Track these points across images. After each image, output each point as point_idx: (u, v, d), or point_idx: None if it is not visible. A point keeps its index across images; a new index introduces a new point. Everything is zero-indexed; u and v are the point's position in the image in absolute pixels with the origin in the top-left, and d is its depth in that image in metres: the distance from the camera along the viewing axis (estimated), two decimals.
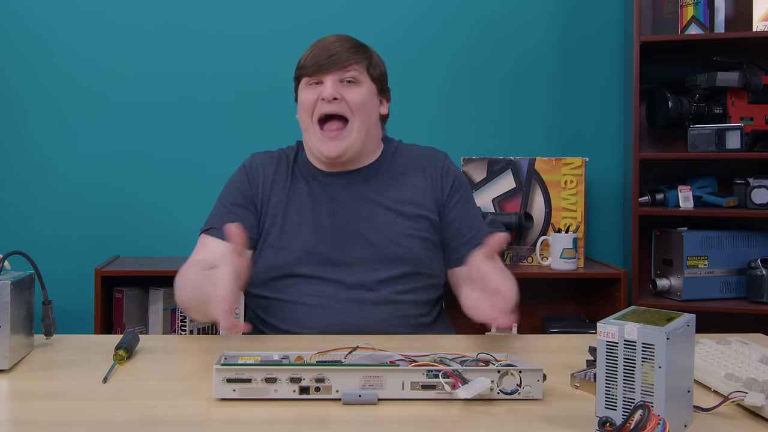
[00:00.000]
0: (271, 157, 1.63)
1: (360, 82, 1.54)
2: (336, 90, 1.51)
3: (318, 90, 1.53)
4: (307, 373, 1.00)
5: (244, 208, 1.57)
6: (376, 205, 1.57)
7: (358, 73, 1.54)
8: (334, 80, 1.52)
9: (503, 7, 2.73)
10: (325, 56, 1.52)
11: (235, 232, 1.20)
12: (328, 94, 1.50)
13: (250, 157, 1.64)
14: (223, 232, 1.52)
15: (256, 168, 1.61)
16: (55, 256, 2.65)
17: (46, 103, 2.68)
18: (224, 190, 1.62)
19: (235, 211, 1.56)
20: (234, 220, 1.54)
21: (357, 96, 1.53)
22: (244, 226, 1.53)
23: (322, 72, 1.52)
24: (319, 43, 1.56)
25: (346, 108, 1.52)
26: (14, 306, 1.16)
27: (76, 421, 0.95)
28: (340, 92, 1.52)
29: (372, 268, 1.52)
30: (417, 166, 1.62)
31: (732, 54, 2.55)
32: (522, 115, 2.75)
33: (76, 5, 2.67)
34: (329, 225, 1.54)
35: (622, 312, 0.93)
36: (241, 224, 1.53)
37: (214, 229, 1.55)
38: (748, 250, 2.50)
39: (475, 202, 1.67)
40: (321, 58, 1.52)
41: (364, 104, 1.54)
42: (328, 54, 1.52)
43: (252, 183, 1.59)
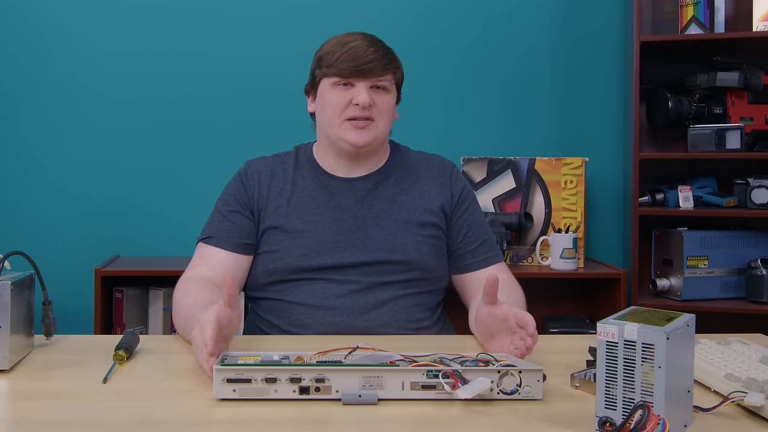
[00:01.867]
0: (265, 163, 1.63)
1: (389, 90, 1.55)
2: (370, 96, 1.51)
3: (349, 93, 1.52)
4: (307, 373, 1.00)
5: (240, 214, 1.57)
6: (382, 209, 1.57)
7: (389, 81, 1.54)
8: (367, 86, 1.51)
9: (503, 6, 2.73)
10: (362, 61, 1.50)
11: (230, 283, 1.14)
12: (364, 102, 1.50)
13: (244, 164, 1.64)
14: (221, 241, 1.55)
15: (251, 175, 1.61)
16: (55, 256, 2.65)
17: (46, 103, 2.68)
18: (220, 199, 1.62)
19: (232, 219, 1.57)
20: (231, 228, 1.55)
21: (386, 103, 1.54)
22: (241, 233, 1.56)
23: (357, 77, 1.51)
24: (351, 44, 1.52)
25: (375, 112, 1.53)
26: (14, 306, 1.16)
27: (76, 421, 0.95)
28: (372, 97, 1.52)
29: (377, 272, 1.52)
30: (425, 173, 1.63)
31: (732, 54, 2.55)
32: (522, 115, 2.75)
33: (76, 5, 2.67)
34: (334, 229, 1.54)
35: (622, 312, 0.93)
36: (237, 232, 1.55)
37: (212, 238, 1.56)
38: (748, 250, 2.50)
39: (481, 211, 1.68)
40: (357, 63, 1.50)
41: (390, 111, 1.56)
42: (366, 60, 1.50)
43: (248, 190, 1.59)
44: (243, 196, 1.59)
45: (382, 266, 1.52)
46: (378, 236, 1.54)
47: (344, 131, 1.53)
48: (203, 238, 1.57)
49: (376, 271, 1.52)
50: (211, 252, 1.55)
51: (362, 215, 1.56)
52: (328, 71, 1.53)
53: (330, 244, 1.53)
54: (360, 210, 1.56)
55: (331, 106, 1.53)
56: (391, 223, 1.55)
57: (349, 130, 1.53)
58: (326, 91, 1.54)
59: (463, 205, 1.62)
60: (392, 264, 1.52)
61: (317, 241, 1.53)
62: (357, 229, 1.54)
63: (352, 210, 1.56)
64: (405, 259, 1.53)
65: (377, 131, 1.54)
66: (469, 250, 1.60)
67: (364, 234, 1.54)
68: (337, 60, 1.51)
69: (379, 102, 1.53)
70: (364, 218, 1.55)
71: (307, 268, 1.51)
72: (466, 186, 1.66)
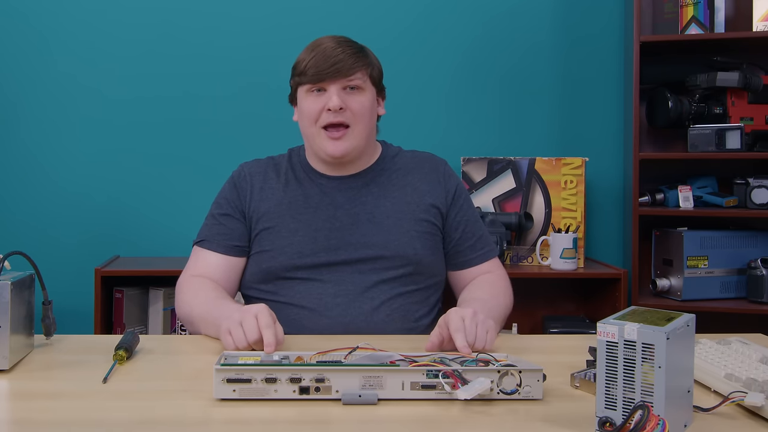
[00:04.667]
0: (259, 166, 1.64)
1: (363, 88, 1.54)
2: (341, 99, 1.50)
3: (322, 99, 1.51)
4: (307, 373, 1.00)
5: (232, 217, 1.59)
6: (375, 207, 1.57)
7: (361, 80, 1.53)
8: (338, 88, 1.51)
9: (503, 6, 2.73)
10: (328, 64, 1.49)
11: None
12: (334, 105, 1.49)
13: (238, 167, 1.66)
14: (213, 244, 1.58)
15: (244, 178, 1.62)
16: (55, 256, 2.65)
17: (45, 103, 2.68)
18: (214, 202, 1.64)
19: (224, 222, 1.59)
20: (222, 231, 1.58)
21: (360, 104, 1.53)
22: (233, 236, 1.58)
23: (326, 80, 1.51)
24: (319, 48, 1.52)
25: (349, 116, 1.52)
26: (14, 306, 1.16)
27: (76, 421, 0.95)
28: (344, 101, 1.51)
29: (371, 269, 1.52)
30: (417, 170, 1.64)
31: (732, 54, 2.55)
32: (522, 115, 2.75)
33: (76, 5, 2.67)
34: (328, 227, 1.55)
35: (622, 312, 0.93)
36: (229, 234, 1.58)
37: (205, 241, 1.59)
38: (748, 250, 2.50)
39: (474, 206, 1.70)
40: (324, 66, 1.49)
41: (366, 111, 1.55)
42: (332, 62, 1.49)
43: (240, 193, 1.61)
44: (235, 199, 1.60)
45: (377, 262, 1.53)
46: (371, 233, 1.54)
47: (322, 141, 1.53)
48: (197, 241, 1.61)
49: (370, 268, 1.52)
50: (204, 255, 1.58)
51: (355, 212, 1.56)
52: (300, 79, 1.54)
53: (323, 241, 1.53)
54: (353, 207, 1.57)
55: (306, 114, 1.54)
56: (384, 219, 1.56)
57: (325, 140, 1.53)
58: (302, 99, 1.55)
59: (458, 202, 1.63)
60: (387, 259, 1.53)
61: (311, 240, 1.53)
62: (350, 226, 1.55)
63: (344, 207, 1.57)
64: (399, 254, 1.53)
65: (354, 138, 1.54)
66: (467, 246, 1.62)
67: (358, 231, 1.55)
68: (306, 66, 1.51)
69: (352, 104, 1.52)
70: (357, 215, 1.56)
71: (302, 266, 1.52)
72: (459, 183, 1.67)
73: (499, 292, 1.57)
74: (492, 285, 1.58)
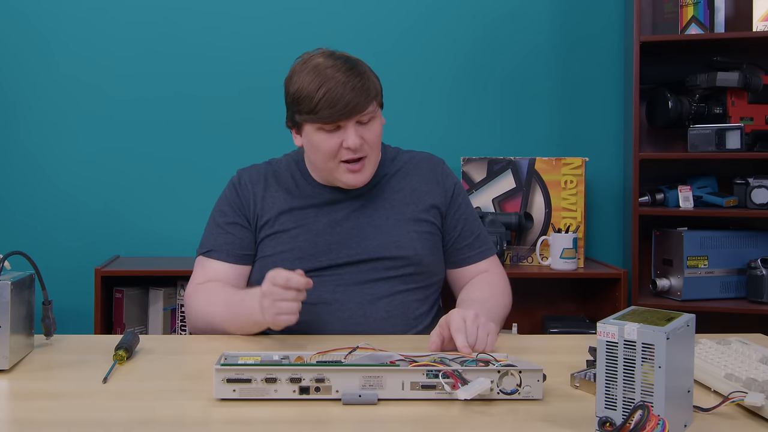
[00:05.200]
0: (258, 173, 1.62)
1: (374, 117, 1.51)
2: (358, 135, 1.47)
3: (338, 136, 1.47)
4: (307, 373, 1.01)
5: (240, 226, 1.57)
6: (375, 210, 1.58)
7: (373, 110, 1.50)
8: (354, 124, 1.48)
9: (504, 7, 2.73)
10: (342, 103, 1.44)
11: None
12: (354, 144, 1.46)
13: (237, 173, 1.64)
14: (221, 254, 1.55)
15: (245, 184, 1.60)
16: (55, 256, 2.65)
17: (45, 103, 2.68)
18: (216, 209, 1.61)
19: (231, 230, 1.57)
20: (231, 240, 1.56)
21: (375, 135, 1.51)
22: (241, 244, 1.56)
23: (342, 119, 1.46)
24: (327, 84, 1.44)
25: (366, 148, 1.50)
26: (14, 306, 1.16)
27: (76, 421, 0.95)
28: (361, 135, 1.48)
29: (372, 268, 1.53)
30: (415, 171, 1.64)
31: (732, 54, 2.55)
32: (522, 115, 2.75)
33: (76, 4, 2.67)
34: (329, 232, 1.55)
35: (622, 312, 0.93)
36: (237, 243, 1.55)
37: (212, 251, 1.56)
38: (748, 250, 2.50)
39: (472, 205, 1.70)
40: (339, 106, 1.44)
41: (379, 137, 1.54)
42: (346, 101, 1.44)
43: (244, 201, 1.59)
44: (240, 206, 1.59)
45: (378, 263, 1.53)
46: (372, 235, 1.55)
47: (341, 174, 1.52)
48: (204, 251, 1.57)
49: (371, 268, 1.53)
50: (212, 265, 1.55)
51: (356, 216, 1.57)
52: (311, 117, 1.47)
53: (324, 246, 1.53)
54: (353, 211, 1.57)
55: (321, 152, 1.50)
56: (384, 221, 1.56)
57: (345, 173, 1.51)
58: (312, 134, 1.50)
59: (456, 201, 1.64)
60: (388, 260, 1.53)
61: (312, 244, 1.53)
62: (351, 230, 1.55)
63: (344, 211, 1.57)
64: (400, 255, 1.54)
65: (371, 166, 1.54)
66: (466, 244, 1.63)
67: (359, 235, 1.55)
68: (317, 106, 1.45)
69: (369, 136, 1.50)
70: (357, 219, 1.56)
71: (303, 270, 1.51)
72: (457, 182, 1.67)
73: (498, 292, 1.57)
74: (491, 285, 1.58)
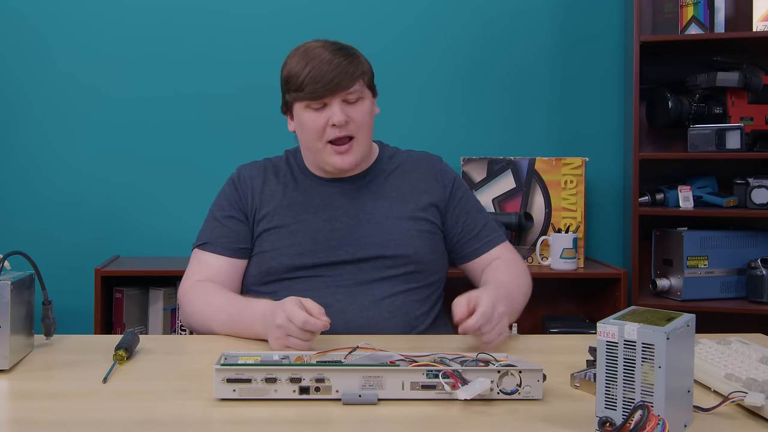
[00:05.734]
0: (257, 168, 1.63)
1: (362, 97, 1.52)
2: (344, 113, 1.49)
3: (324, 115, 1.49)
4: (307, 373, 1.01)
5: (237, 220, 1.58)
6: (374, 207, 1.58)
7: (359, 90, 1.51)
8: (339, 102, 1.49)
9: (503, 6, 2.73)
10: (326, 79, 1.46)
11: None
12: (339, 121, 1.48)
13: (237, 170, 1.65)
14: (217, 247, 1.55)
15: (244, 180, 1.61)
16: (55, 256, 2.65)
17: (45, 103, 2.68)
18: (215, 204, 1.62)
19: (228, 224, 1.57)
20: (227, 233, 1.56)
21: (362, 114, 1.52)
22: (237, 238, 1.56)
23: (327, 96, 1.48)
24: (314, 62, 1.47)
25: (353, 128, 1.51)
26: (14, 306, 1.16)
27: (76, 421, 0.95)
28: (347, 113, 1.49)
29: (373, 267, 1.52)
30: (414, 169, 1.64)
31: (732, 54, 2.55)
32: (522, 115, 2.75)
33: (75, 5, 2.67)
34: (328, 228, 1.55)
35: (622, 312, 0.93)
36: (233, 237, 1.55)
37: (208, 244, 1.56)
38: (748, 250, 2.50)
39: (475, 197, 1.70)
40: (323, 81, 1.46)
41: (368, 119, 1.54)
42: (330, 77, 1.46)
43: (242, 195, 1.60)
44: (238, 201, 1.59)
45: (378, 261, 1.53)
46: (371, 233, 1.55)
47: (327, 155, 1.53)
48: (199, 244, 1.58)
49: (371, 267, 1.52)
50: (207, 258, 1.56)
51: (354, 213, 1.57)
52: (297, 95, 1.50)
53: (324, 242, 1.53)
54: (352, 208, 1.57)
55: (309, 130, 1.52)
56: (383, 219, 1.56)
57: (332, 154, 1.52)
58: (301, 113, 1.52)
59: (456, 195, 1.63)
60: (387, 259, 1.53)
61: (311, 240, 1.53)
62: (350, 227, 1.55)
63: (344, 209, 1.57)
64: (400, 253, 1.53)
65: (359, 148, 1.54)
66: (471, 236, 1.62)
67: (359, 232, 1.55)
68: (302, 83, 1.48)
69: (355, 115, 1.50)
70: (356, 216, 1.56)
71: (301, 266, 1.51)
72: (457, 176, 1.67)
73: (517, 276, 1.55)
74: (509, 270, 1.56)
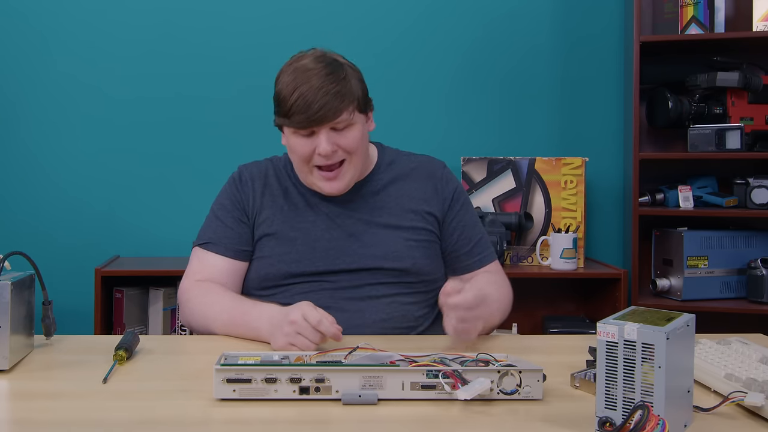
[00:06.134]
0: (258, 169, 1.62)
1: (352, 124, 1.48)
2: (331, 142, 1.45)
3: (312, 142, 1.46)
4: (307, 373, 1.00)
5: (239, 221, 1.57)
6: (372, 217, 1.56)
7: (347, 119, 1.46)
8: (327, 130, 1.45)
9: (503, 6, 2.73)
10: (312, 111, 1.42)
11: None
12: (325, 151, 1.44)
13: (238, 169, 1.63)
14: (220, 247, 1.53)
15: (245, 181, 1.59)
16: (55, 256, 2.65)
17: (45, 103, 2.68)
18: (217, 202, 1.60)
19: (231, 225, 1.56)
20: (230, 234, 1.54)
21: (351, 140, 1.48)
22: (240, 239, 1.55)
23: (313, 126, 1.45)
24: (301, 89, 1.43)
25: (342, 154, 1.48)
26: (14, 306, 1.16)
27: (76, 421, 0.95)
28: (335, 141, 1.46)
29: (371, 276, 1.51)
30: (413, 177, 1.61)
31: (732, 54, 2.55)
32: (522, 115, 2.75)
33: (76, 5, 2.67)
34: (327, 237, 1.54)
35: (622, 312, 0.93)
36: (236, 238, 1.54)
37: (210, 244, 1.55)
38: (748, 250, 2.50)
39: (473, 210, 1.67)
40: (309, 113, 1.42)
41: (358, 143, 1.49)
42: (316, 108, 1.42)
43: (243, 195, 1.58)
44: (240, 202, 1.58)
45: (377, 272, 1.52)
46: (370, 243, 1.53)
47: (316, 179, 1.51)
48: (201, 243, 1.56)
49: (370, 275, 1.51)
50: (209, 258, 1.54)
51: (353, 222, 1.55)
52: (285, 122, 1.48)
53: (322, 251, 1.52)
54: (350, 218, 1.55)
55: (297, 155, 1.50)
56: (381, 229, 1.55)
57: (320, 179, 1.50)
58: (290, 137, 1.50)
59: (455, 207, 1.61)
60: (386, 271, 1.52)
61: (309, 248, 1.52)
62: (348, 236, 1.54)
63: (342, 217, 1.55)
64: (398, 266, 1.52)
65: (350, 173, 1.51)
66: (464, 252, 1.59)
67: (357, 241, 1.53)
68: (290, 111, 1.44)
69: (344, 142, 1.47)
70: (355, 225, 1.55)
71: (299, 274, 1.50)
72: (458, 186, 1.64)
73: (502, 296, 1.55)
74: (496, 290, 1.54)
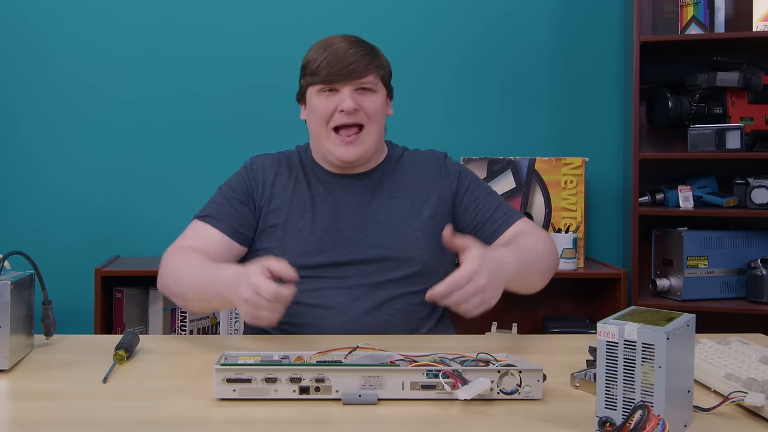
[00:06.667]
0: (271, 160, 1.63)
1: (375, 90, 1.53)
2: (354, 100, 1.49)
3: (334, 100, 1.51)
4: (307, 373, 1.00)
5: (243, 204, 1.57)
6: (380, 208, 1.57)
7: (373, 81, 1.52)
8: (351, 90, 1.50)
9: (503, 6, 2.73)
10: (341, 65, 1.48)
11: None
12: (348, 107, 1.48)
13: (251, 158, 1.64)
14: (220, 222, 1.53)
15: (257, 170, 1.61)
16: (55, 256, 2.65)
17: (46, 103, 2.68)
18: (226, 184, 1.61)
19: (235, 205, 1.56)
20: (233, 213, 1.55)
21: (373, 105, 1.52)
22: (241, 221, 1.55)
23: (339, 81, 1.50)
24: (331, 49, 1.51)
25: (362, 117, 1.51)
26: (14, 306, 1.16)
27: (76, 421, 0.95)
28: (358, 101, 1.50)
29: (377, 269, 1.52)
30: (420, 169, 1.63)
31: (732, 54, 2.55)
32: (522, 115, 2.75)
33: (76, 4, 2.67)
34: (334, 227, 1.54)
35: (622, 312, 0.93)
36: (238, 219, 1.54)
37: (210, 217, 1.55)
38: (748, 250, 2.50)
39: (485, 185, 1.67)
40: (337, 67, 1.48)
41: (379, 112, 1.54)
42: (345, 63, 1.48)
43: (254, 183, 1.59)
44: (249, 187, 1.59)
45: (382, 263, 1.52)
46: (376, 233, 1.54)
47: (332, 145, 1.52)
48: (201, 216, 1.56)
49: (375, 269, 1.52)
50: (206, 230, 1.53)
51: (361, 213, 1.56)
52: (312, 79, 1.52)
53: (329, 242, 1.53)
54: (358, 208, 1.57)
55: (317, 114, 1.53)
56: (389, 220, 1.56)
57: (336, 144, 1.52)
58: (312, 98, 1.54)
59: (463, 185, 1.62)
60: (391, 260, 1.52)
61: (317, 239, 1.53)
62: (356, 227, 1.55)
63: (350, 207, 1.57)
64: (404, 255, 1.53)
65: (366, 141, 1.53)
66: (486, 220, 1.59)
67: (364, 232, 1.54)
68: (318, 66, 1.50)
69: (366, 104, 1.51)
70: (362, 216, 1.56)
71: (306, 265, 1.51)
72: (462, 169, 1.65)
73: (538, 240, 1.51)
74: (528, 238, 1.51)
